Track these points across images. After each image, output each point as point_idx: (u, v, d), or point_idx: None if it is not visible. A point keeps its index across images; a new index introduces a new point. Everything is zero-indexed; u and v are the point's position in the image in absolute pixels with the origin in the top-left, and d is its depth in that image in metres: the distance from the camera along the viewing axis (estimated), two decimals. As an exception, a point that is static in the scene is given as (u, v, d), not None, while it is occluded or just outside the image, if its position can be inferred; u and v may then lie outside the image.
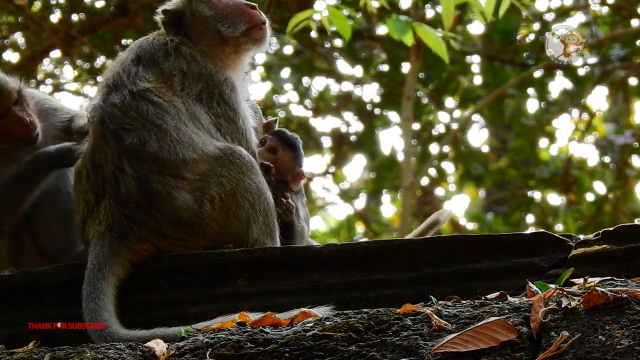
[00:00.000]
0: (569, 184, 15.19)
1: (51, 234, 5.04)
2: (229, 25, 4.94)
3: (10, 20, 13.82)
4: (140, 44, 4.89)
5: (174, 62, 4.79)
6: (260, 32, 4.99)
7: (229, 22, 4.94)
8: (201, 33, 4.94)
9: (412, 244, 4.48)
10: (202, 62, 4.84)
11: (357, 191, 16.99)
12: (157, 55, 4.80)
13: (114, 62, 4.94)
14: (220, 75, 4.84)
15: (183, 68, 4.79)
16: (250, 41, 4.95)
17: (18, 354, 3.71)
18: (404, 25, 7.66)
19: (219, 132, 4.76)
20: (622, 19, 14.32)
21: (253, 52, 5.01)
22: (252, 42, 4.96)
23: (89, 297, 4.32)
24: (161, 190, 4.54)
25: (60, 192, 5.03)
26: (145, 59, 4.79)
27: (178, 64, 4.79)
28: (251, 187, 4.66)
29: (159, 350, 3.63)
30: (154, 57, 4.80)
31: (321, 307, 4.01)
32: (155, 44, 4.85)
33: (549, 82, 14.88)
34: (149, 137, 4.58)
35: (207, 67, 4.82)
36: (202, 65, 4.82)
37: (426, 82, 15.18)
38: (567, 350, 3.25)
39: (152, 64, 4.78)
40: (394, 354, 3.39)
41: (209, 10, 4.95)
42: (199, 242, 4.60)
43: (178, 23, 4.95)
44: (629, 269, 4.10)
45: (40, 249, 5.02)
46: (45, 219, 5.03)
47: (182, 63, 4.79)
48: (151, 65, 4.78)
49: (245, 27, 4.95)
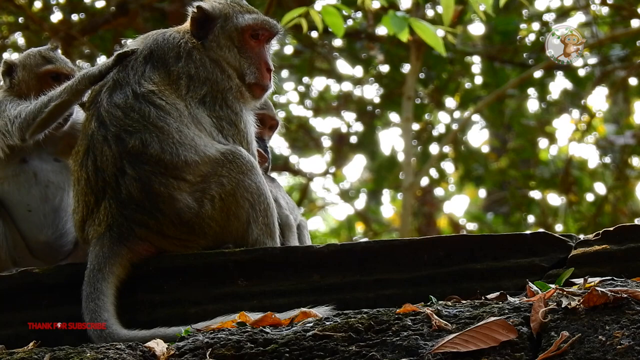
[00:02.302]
0: (569, 184, 15.19)
1: (37, 227, 5.07)
2: (243, 68, 4.97)
3: (10, 20, 13.83)
4: (155, 38, 4.90)
5: (184, 66, 4.81)
6: (259, 93, 5.03)
7: (244, 65, 4.97)
8: (219, 46, 4.96)
9: (412, 244, 4.48)
10: (210, 68, 4.86)
11: (357, 191, 17.00)
12: (169, 56, 4.82)
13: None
14: (226, 83, 4.87)
15: (191, 72, 4.80)
16: (247, 92, 4.97)
17: (18, 354, 3.71)
18: (401, 20, 7.66)
19: (220, 134, 4.77)
20: (623, 19, 14.32)
21: (244, 100, 4.99)
22: (249, 94, 4.98)
23: (89, 298, 4.32)
24: (163, 192, 4.54)
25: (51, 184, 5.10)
26: (156, 57, 4.80)
27: (187, 68, 4.81)
28: (251, 187, 4.66)
29: (159, 350, 3.63)
30: (165, 57, 4.82)
31: (321, 307, 4.01)
32: (170, 42, 4.86)
33: (549, 82, 14.89)
34: (151, 139, 4.58)
35: (214, 74, 4.86)
36: (209, 71, 4.85)
37: (426, 83, 15.19)
38: (567, 350, 3.25)
39: (161, 64, 4.79)
40: (394, 354, 3.39)
41: (237, 41, 5.00)
42: (199, 242, 4.60)
43: (204, 25, 4.97)
44: (629, 269, 4.10)
45: (28, 245, 5.05)
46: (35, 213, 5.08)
47: (191, 67, 4.82)
48: (160, 65, 4.79)
49: (252, 81, 4.98)
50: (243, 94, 4.95)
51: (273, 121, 5.50)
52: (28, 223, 5.09)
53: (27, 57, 5.32)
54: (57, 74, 5.25)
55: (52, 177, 5.15)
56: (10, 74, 5.28)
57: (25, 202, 5.10)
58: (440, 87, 15.09)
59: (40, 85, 5.19)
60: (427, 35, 7.51)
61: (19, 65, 5.28)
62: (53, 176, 5.15)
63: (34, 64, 5.28)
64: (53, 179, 5.14)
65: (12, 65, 5.29)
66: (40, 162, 5.13)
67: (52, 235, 5.08)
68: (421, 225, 16.27)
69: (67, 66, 5.30)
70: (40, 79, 5.24)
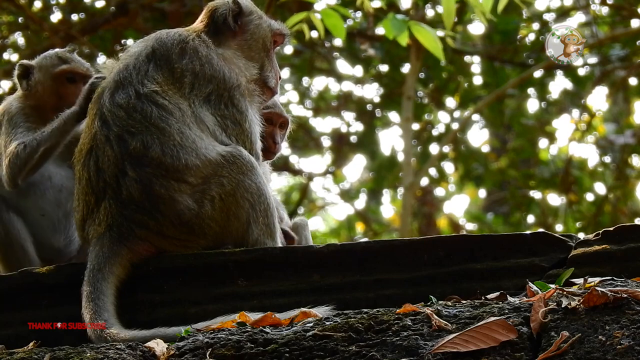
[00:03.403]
0: (569, 184, 15.19)
1: (50, 232, 5.07)
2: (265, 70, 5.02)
3: (10, 20, 13.82)
4: (159, 36, 4.87)
5: (188, 63, 4.76)
6: (268, 95, 5.09)
7: (267, 68, 5.03)
8: (247, 44, 4.99)
9: (412, 244, 4.47)
10: (217, 65, 4.82)
11: (357, 191, 17.00)
12: (173, 52, 4.77)
13: (128, 50, 4.92)
14: (234, 81, 4.84)
15: (196, 69, 4.76)
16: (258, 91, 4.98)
17: (18, 354, 3.71)
18: (400, 24, 7.65)
19: (224, 133, 4.75)
20: (622, 19, 14.33)
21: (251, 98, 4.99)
22: (258, 94, 4.99)
23: (89, 297, 4.32)
24: (164, 194, 4.53)
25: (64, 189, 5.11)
26: (159, 55, 4.77)
27: (192, 65, 4.76)
28: (251, 188, 4.66)
29: (159, 350, 3.63)
30: (169, 53, 4.77)
31: (321, 307, 4.01)
32: (175, 38, 4.82)
33: (549, 82, 14.90)
34: (152, 142, 4.56)
35: (221, 72, 4.80)
36: (215, 69, 4.80)
37: (426, 82, 15.19)
38: (567, 350, 3.25)
39: (164, 62, 4.75)
40: (394, 354, 3.39)
41: (269, 43, 5.05)
42: (199, 242, 4.60)
43: (236, 20, 4.98)
44: (629, 269, 4.10)
45: (38, 249, 5.05)
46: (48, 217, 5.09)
47: (196, 64, 4.77)
48: (163, 64, 4.75)
49: (271, 85, 5.05)
50: (251, 92, 4.93)
51: (282, 119, 5.47)
52: (40, 228, 5.09)
53: (44, 59, 5.34)
54: (72, 75, 5.26)
55: (66, 182, 5.17)
56: (27, 76, 5.27)
57: (39, 205, 5.10)
58: (440, 86, 15.09)
59: (56, 87, 5.20)
60: (427, 40, 7.50)
61: (36, 66, 5.28)
62: (67, 181, 5.16)
63: (50, 64, 5.29)
64: (67, 184, 5.16)
65: (29, 68, 5.29)
66: (55, 167, 5.13)
67: (63, 242, 5.09)
68: (421, 225, 16.27)
69: (82, 66, 5.29)
70: (55, 79, 5.25)
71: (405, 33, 7.59)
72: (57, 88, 5.21)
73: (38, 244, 5.09)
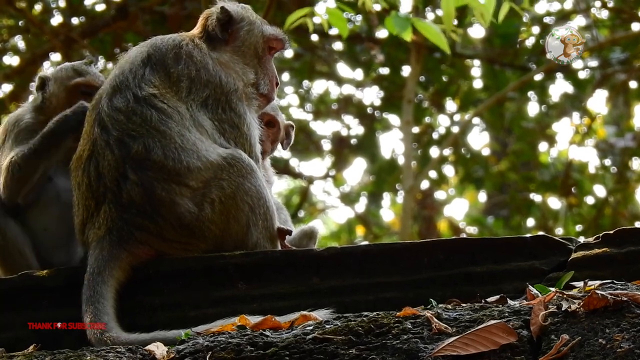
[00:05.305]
0: (569, 187, 15.19)
1: (51, 247, 5.05)
2: (259, 76, 5.00)
3: (10, 24, 13.83)
4: (154, 42, 4.87)
5: (184, 68, 4.76)
6: (264, 102, 5.08)
7: (260, 74, 5.01)
8: (240, 50, 4.98)
9: (412, 247, 4.48)
10: (214, 70, 4.82)
11: (358, 194, 17.00)
12: (167, 57, 4.78)
13: (124, 57, 4.91)
14: (231, 85, 4.84)
15: (192, 74, 4.76)
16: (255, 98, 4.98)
17: (18, 357, 3.71)
18: (404, 20, 7.66)
19: (222, 137, 4.75)
20: (623, 22, 14.32)
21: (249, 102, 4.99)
22: (255, 99, 4.98)
23: (89, 301, 4.32)
24: (165, 197, 4.53)
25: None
26: (154, 60, 4.78)
27: (187, 70, 4.76)
28: (251, 191, 4.66)
29: (159, 354, 3.63)
30: (164, 58, 4.78)
31: (321, 311, 4.01)
32: (169, 44, 4.83)
33: (550, 85, 14.90)
34: (154, 145, 4.56)
35: (217, 77, 4.80)
36: (212, 74, 4.80)
37: (427, 86, 15.19)
38: (567, 354, 3.25)
39: (160, 66, 4.76)
40: (394, 357, 3.39)
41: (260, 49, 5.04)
42: (199, 245, 4.60)
43: (225, 27, 4.97)
44: (629, 272, 4.10)
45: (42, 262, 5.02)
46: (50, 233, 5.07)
47: (192, 69, 4.77)
48: (159, 68, 4.75)
49: (264, 92, 5.03)
50: (249, 96, 4.94)
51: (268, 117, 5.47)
52: (41, 243, 5.06)
53: (60, 70, 5.28)
54: (87, 88, 5.17)
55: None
56: (43, 88, 5.24)
57: (43, 220, 5.06)
58: (441, 90, 15.09)
59: (69, 99, 5.12)
60: (431, 34, 7.49)
61: (52, 78, 5.22)
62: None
63: (65, 76, 5.22)
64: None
65: (45, 79, 5.24)
66: (65, 181, 5.02)
67: (63, 258, 5.04)
68: (421, 229, 16.27)
69: (98, 80, 5.19)
70: (69, 92, 5.18)
71: (409, 29, 7.59)
72: (71, 100, 5.12)
73: (39, 257, 5.05)
